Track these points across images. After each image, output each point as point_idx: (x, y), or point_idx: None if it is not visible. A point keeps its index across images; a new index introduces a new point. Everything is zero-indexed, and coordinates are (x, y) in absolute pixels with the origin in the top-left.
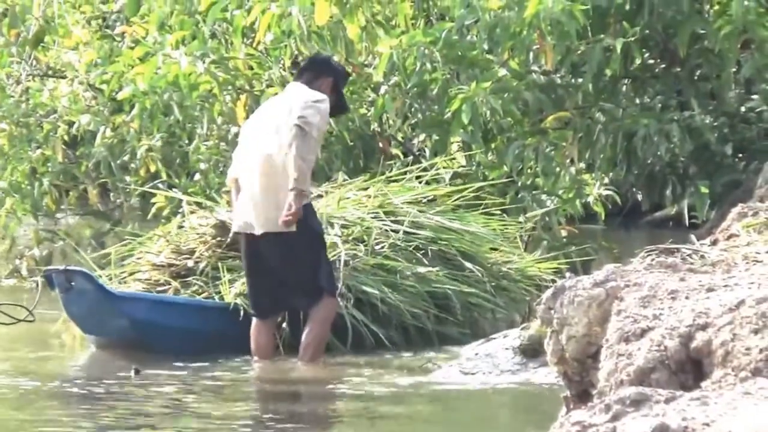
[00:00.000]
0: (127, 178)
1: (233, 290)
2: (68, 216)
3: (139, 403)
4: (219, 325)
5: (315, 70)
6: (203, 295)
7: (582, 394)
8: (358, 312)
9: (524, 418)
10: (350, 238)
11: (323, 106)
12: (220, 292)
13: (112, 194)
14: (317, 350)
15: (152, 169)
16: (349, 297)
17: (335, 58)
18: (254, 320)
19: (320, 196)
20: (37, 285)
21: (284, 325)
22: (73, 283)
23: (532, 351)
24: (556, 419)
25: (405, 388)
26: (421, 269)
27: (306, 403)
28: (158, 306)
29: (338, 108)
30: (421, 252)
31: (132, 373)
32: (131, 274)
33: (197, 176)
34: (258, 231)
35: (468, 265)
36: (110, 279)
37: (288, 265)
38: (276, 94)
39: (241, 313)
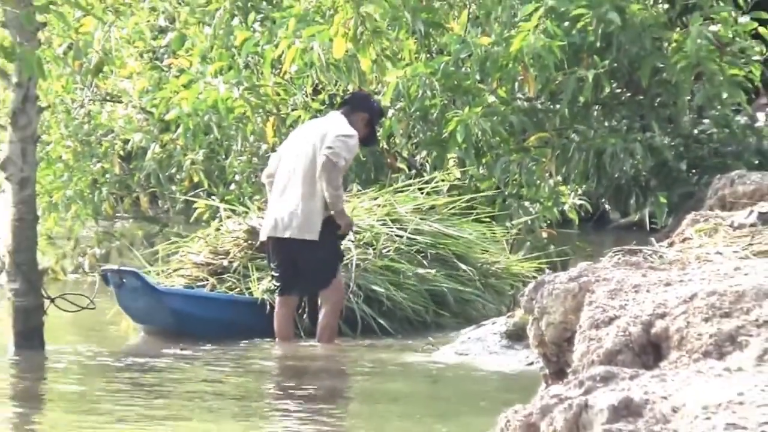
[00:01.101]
0: (173, 188)
1: (261, 287)
2: (123, 220)
3: (181, 377)
4: (248, 318)
5: (354, 105)
6: (236, 290)
7: (559, 372)
8: (367, 307)
9: (509, 392)
10: (361, 242)
11: (351, 142)
12: (249, 288)
13: (160, 201)
14: (332, 332)
15: (195, 179)
16: (360, 294)
17: (374, 97)
18: (277, 303)
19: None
20: (97, 279)
21: (304, 316)
22: (124, 281)
23: (516, 335)
24: (536, 393)
25: (407, 367)
26: (421, 270)
27: (322, 379)
28: (196, 300)
29: (370, 140)
30: (422, 255)
31: (179, 349)
32: (175, 270)
33: (233, 186)
34: (286, 235)
35: (462, 266)
36: (157, 274)
37: (306, 261)
38: (300, 117)
39: (268, 307)
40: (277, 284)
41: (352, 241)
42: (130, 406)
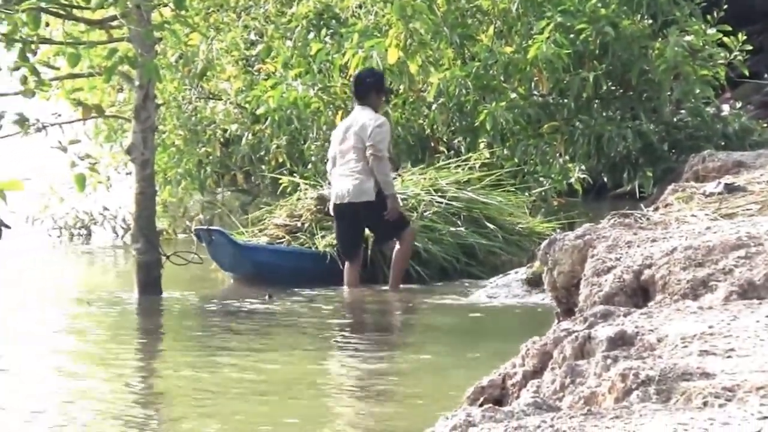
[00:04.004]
0: (263, 167)
1: (324, 242)
2: (223, 192)
3: (266, 316)
4: (312, 265)
5: (364, 93)
6: (305, 245)
7: (568, 311)
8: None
9: (528, 327)
10: (406, 207)
11: (385, 127)
12: (315, 244)
13: (252, 177)
14: (399, 279)
15: (280, 160)
16: None
17: (369, 71)
18: (346, 264)
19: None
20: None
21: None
22: (213, 238)
23: (534, 282)
24: (550, 328)
25: (448, 307)
26: (454, 228)
27: (382, 317)
28: (271, 252)
29: (387, 97)
30: (456, 216)
31: (266, 297)
32: (261, 231)
33: (309, 165)
34: (345, 201)
35: (489, 225)
36: (247, 234)
37: (374, 221)
38: None
39: (328, 258)
40: (343, 251)
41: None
42: (226, 338)
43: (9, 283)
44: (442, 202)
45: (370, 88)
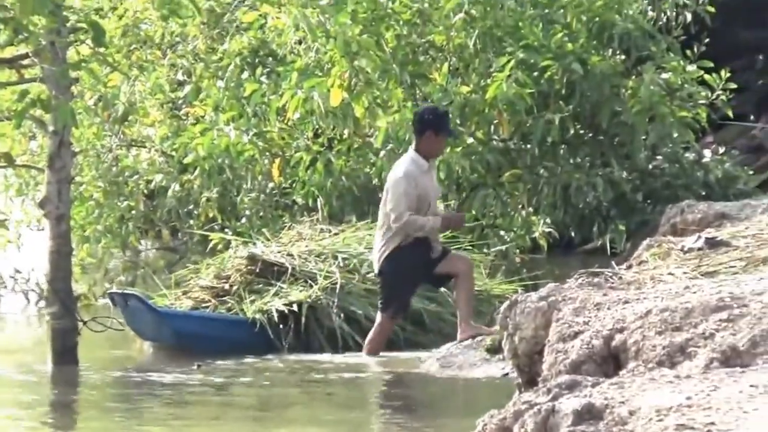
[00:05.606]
0: (191, 222)
1: (253, 307)
2: (147, 251)
3: (190, 386)
4: (240, 334)
5: (417, 132)
6: (233, 311)
7: (530, 381)
8: (347, 326)
9: (486, 399)
10: (349, 268)
11: (399, 188)
12: (244, 310)
13: (180, 234)
14: (374, 348)
15: (210, 214)
16: (341, 314)
17: (428, 109)
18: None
19: (335, 234)
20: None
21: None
22: (128, 303)
23: (494, 349)
24: (511, 399)
25: (397, 377)
26: None
27: (320, 387)
28: (193, 319)
29: (446, 137)
30: None
31: (195, 367)
32: (184, 293)
33: (244, 219)
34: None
35: (441, 288)
36: (170, 297)
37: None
38: (302, 158)
39: (257, 326)
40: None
41: (340, 267)
42: (147, 413)
43: None
44: None
45: (424, 129)
